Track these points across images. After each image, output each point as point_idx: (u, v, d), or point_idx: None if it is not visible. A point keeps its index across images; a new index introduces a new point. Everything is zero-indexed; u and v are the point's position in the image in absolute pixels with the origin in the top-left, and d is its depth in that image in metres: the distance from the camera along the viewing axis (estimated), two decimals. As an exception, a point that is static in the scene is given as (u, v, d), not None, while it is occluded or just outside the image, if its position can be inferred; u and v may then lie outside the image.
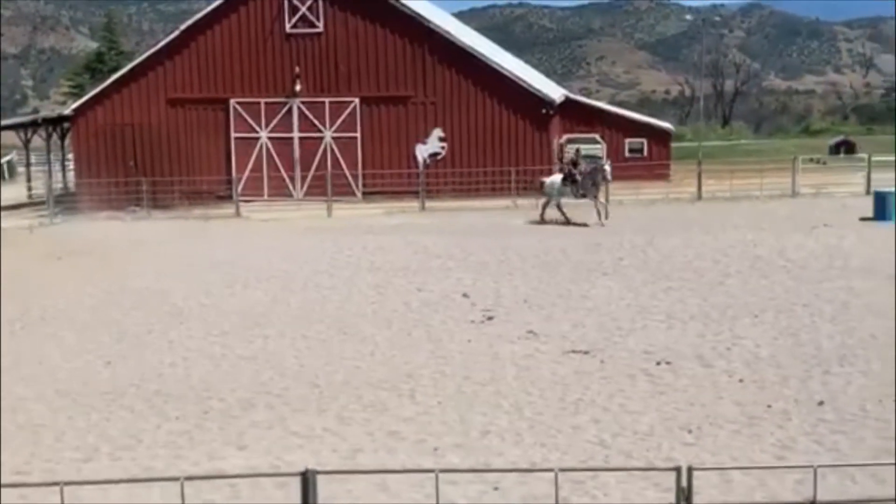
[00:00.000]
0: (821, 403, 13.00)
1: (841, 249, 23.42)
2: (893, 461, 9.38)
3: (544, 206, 29.08)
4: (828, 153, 48.31)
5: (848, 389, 13.54)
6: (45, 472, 11.51)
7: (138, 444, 12.51)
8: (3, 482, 10.94)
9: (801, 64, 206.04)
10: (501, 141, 36.00)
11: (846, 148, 49.91)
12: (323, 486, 8.12)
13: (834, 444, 11.75)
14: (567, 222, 28.44)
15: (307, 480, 7.89)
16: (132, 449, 12.35)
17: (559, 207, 28.87)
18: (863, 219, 27.65)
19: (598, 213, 27.89)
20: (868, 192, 31.18)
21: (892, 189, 28.83)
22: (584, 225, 27.77)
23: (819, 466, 8.03)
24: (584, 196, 28.67)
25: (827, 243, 24.20)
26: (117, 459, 12.01)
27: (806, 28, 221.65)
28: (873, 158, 34.91)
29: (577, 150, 31.08)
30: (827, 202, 31.40)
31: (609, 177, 29.34)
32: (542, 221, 28.85)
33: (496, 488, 10.46)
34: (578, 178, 28.65)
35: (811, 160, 41.10)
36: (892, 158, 34.49)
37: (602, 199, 28.48)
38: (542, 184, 29.60)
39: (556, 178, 29.52)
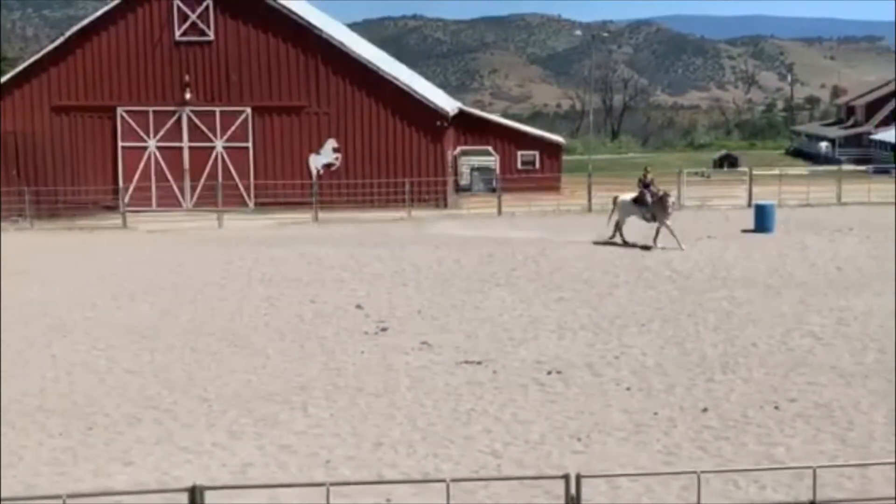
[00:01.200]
0: (705, 410, 13.37)
1: (724, 260, 24.17)
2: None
3: (618, 226, 26.70)
4: (711, 167, 49.88)
5: (731, 396, 13.96)
6: (-82, 494, 11.01)
7: (20, 462, 12.07)
8: None
9: (686, 80, 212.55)
10: (396, 152, 36.11)
11: (729, 162, 51.62)
12: (213, 501, 7.98)
13: (717, 450, 12.09)
14: (624, 244, 26.29)
15: (195, 496, 7.75)
16: (13, 466, 11.92)
17: (619, 226, 26.67)
18: (744, 230, 28.58)
19: (676, 239, 25.51)
20: (749, 205, 32.24)
21: (772, 202, 29.92)
22: (647, 248, 25.83)
23: (702, 472, 8.26)
24: (652, 219, 26.34)
25: (710, 255, 24.94)
26: (-4, 479, 11.57)
27: (691, 45, 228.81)
28: (754, 172, 36.17)
29: (646, 170, 28.01)
30: (711, 214, 32.38)
31: (676, 204, 28.24)
32: (611, 241, 26.55)
33: (388, 500, 10.44)
34: (649, 200, 26.34)
35: (696, 173, 42.38)
36: (773, 172, 35.82)
37: (669, 223, 26.10)
38: (615, 199, 27.20)
39: (628, 196, 26.93)
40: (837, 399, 13.70)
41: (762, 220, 28.51)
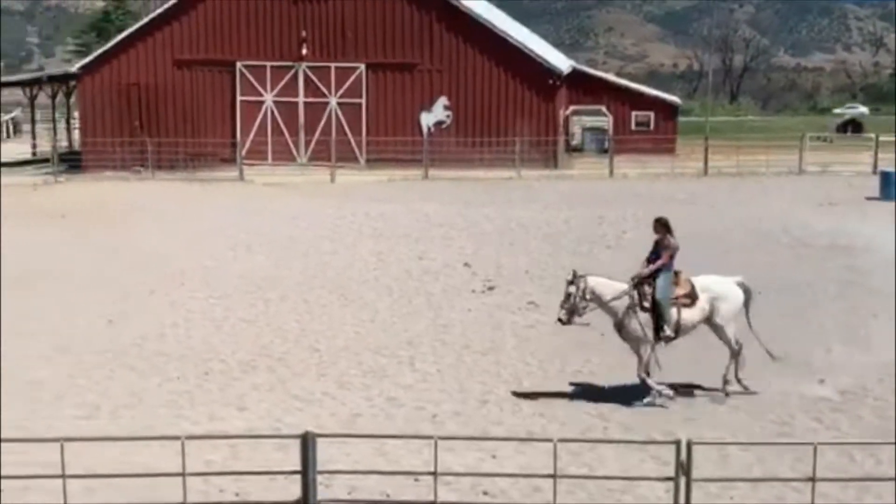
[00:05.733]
0: (821, 381, 13.00)
1: (845, 228, 23.36)
2: (894, 441, 9.39)
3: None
4: (835, 131, 48.14)
5: (848, 368, 13.53)
6: (46, 429, 11.53)
7: (139, 403, 12.55)
8: (2, 437, 10.99)
9: (810, 41, 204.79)
10: (507, 111, 35.86)
11: (853, 127, 49.72)
12: (322, 449, 8.15)
13: (833, 422, 11.77)
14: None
15: (307, 443, 7.92)
16: (133, 407, 12.39)
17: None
18: (868, 198, 27.57)
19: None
20: (874, 172, 31.07)
21: (897, 169, 28.78)
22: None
23: (819, 444, 8.05)
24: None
25: (831, 221, 24.14)
26: (118, 417, 12.05)
27: (817, 5, 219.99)
28: (880, 138, 34.77)
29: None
30: (833, 180, 31.30)
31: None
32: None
33: (494, 457, 10.50)
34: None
35: (818, 138, 40.95)
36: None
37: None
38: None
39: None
40: (963, 375, 13.16)
41: (887, 187, 27.46)
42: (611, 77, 45.58)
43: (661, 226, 12.68)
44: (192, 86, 36.16)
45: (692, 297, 12.51)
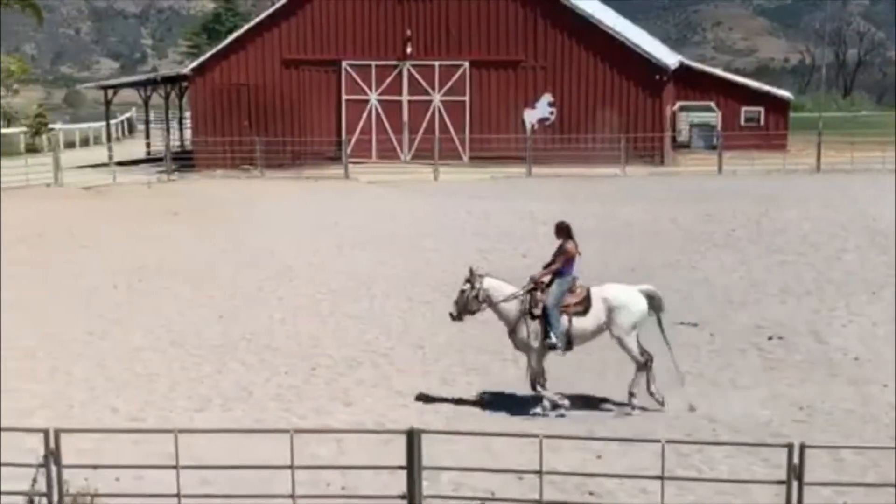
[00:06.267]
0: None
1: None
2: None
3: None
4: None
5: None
6: (160, 420, 11.89)
7: (249, 397, 12.81)
8: (120, 427, 11.37)
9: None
10: (612, 107, 35.47)
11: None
12: (426, 446, 8.18)
13: (954, 428, 11.29)
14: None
15: (412, 438, 7.95)
16: (244, 401, 12.66)
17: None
18: None
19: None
20: None
21: None
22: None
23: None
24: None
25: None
26: (229, 410, 12.33)
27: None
28: None
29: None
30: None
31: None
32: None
33: (599, 457, 10.38)
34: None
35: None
36: None
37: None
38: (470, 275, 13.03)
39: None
40: None
41: None
42: (719, 72, 44.63)
43: (562, 230, 12.18)
44: (298, 85, 36.78)
45: (585, 306, 11.92)
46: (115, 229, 24.41)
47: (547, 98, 35.91)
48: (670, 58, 39.51)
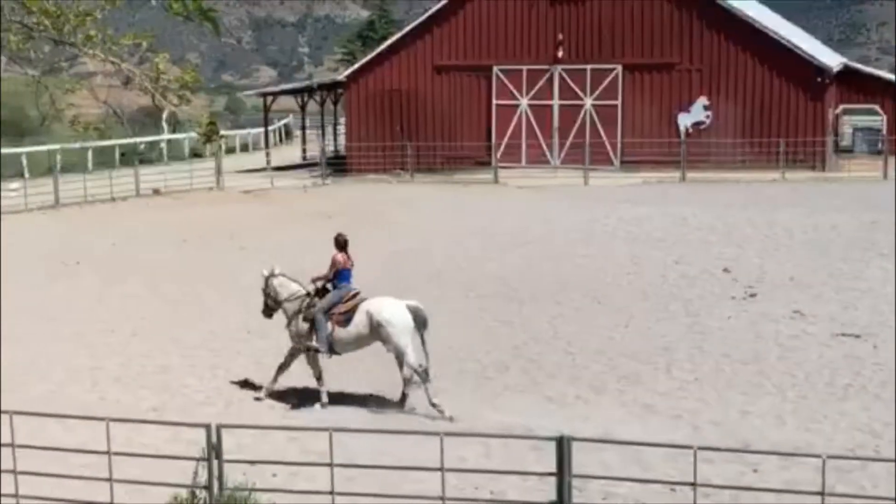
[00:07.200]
0: None
1: None
2: None
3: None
4: None
5: None
6: (315, 419, 12.16)
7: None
8: (275, 426, 11.69)
9: None
10: (771, 111, 34.35)
11: None
12: (575, 453, 8.07)
13: None
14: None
15: (563, 445, 7.87)
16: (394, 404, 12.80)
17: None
18: None
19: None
20: None
21: None
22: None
23: None
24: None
25: None
26: (378, 413, 12.50)
27: None
28: None
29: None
30: None
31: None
32: None
33: (755, 470, 10.05)
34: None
35: None
36: None
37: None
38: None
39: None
40: None
41: None
42: (885, 74, 42.60)
43: (336, 243, 12.87)
44: (450, 90, 37.09)
45: (348, 316, 12.55)
46: (273, 231, 25.19)
47: (702, 101, 35.07)
48: (832, 59, 37.98)
